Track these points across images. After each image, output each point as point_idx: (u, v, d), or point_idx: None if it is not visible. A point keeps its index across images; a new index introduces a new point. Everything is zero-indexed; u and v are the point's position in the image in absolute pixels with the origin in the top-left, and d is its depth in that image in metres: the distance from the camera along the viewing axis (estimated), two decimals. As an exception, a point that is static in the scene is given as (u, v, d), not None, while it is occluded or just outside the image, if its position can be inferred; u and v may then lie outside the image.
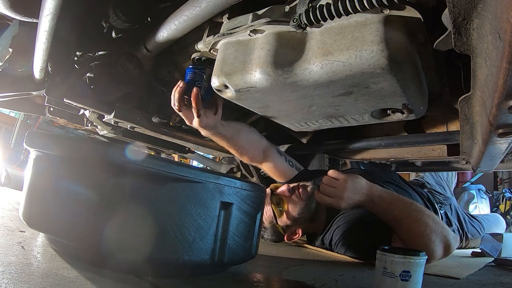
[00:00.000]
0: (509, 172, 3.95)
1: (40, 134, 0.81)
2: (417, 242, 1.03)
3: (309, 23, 0.71)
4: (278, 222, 1.34)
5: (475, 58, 0.59)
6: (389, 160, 1.64)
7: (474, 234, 1.83)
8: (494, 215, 2.29)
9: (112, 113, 1.33)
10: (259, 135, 1.48)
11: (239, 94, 0.91)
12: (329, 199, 1.11)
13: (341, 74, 0.73)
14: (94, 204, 0.67)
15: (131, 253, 0.67)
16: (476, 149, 0.99)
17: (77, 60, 1.24)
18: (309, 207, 1.32)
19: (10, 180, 2.15)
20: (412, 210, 1.09)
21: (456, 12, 0.50)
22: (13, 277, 0.57)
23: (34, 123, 3.35)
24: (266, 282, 0.87)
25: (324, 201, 1.13)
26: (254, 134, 1.46)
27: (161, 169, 0.68)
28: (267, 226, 1.36)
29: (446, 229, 1.07)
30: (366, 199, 1.11)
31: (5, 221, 1.03)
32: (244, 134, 1.40)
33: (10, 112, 4.29)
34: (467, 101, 0.74)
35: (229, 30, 0.87)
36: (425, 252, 0.77)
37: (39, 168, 0.80)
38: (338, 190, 1.10)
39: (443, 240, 1.04)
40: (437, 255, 1.03)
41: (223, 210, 0.76)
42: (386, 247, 0.76)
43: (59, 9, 0.77)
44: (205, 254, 0.73)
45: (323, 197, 1.12)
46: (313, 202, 1.33)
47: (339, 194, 1.09)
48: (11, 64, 1.20)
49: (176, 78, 1.30)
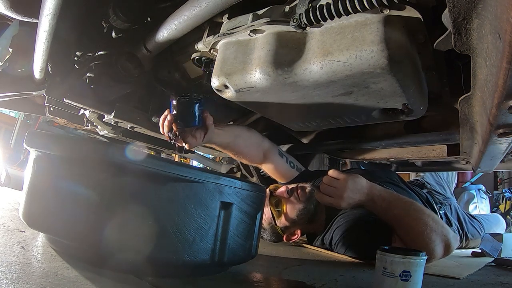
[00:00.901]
0: (509, 172, 3.95)
1: (40, 134, 0.81)
2: (417, 241, 1.03)
3: (309, 23, 0.71)
4: (276, 223, 1.35)
5: (475, 58, 0.59)
6: (389, 160, 1.64)
7: (474, 234, 1.83)
8: (494, 215, 2.29)
9: (112, 113, 1.33)
10: (259, 137, 1.47)
11: (239, 94, 0.91)
12: (329, 199, 1.11)
13: (341, 74, 0.73)
14: (94, 204, 0.67)
15: (131, 253, 0.67)
16: (476, 149, 0.99)
17: (77, 60, 1.24)
18: (307, 209, 1.32)
19: (10, 180, 2.15)
20: (412, 209, 1.09)
21: (456, 12, 0.50)
22: (13, 277, 0.57)
23: (34, 123, 3.35)
24: (266, 282, 0.87)
25: (324, 201, 1.13)
26: (254, 137, 1.46)
27: (161, 169, 0.68)
28: (266, 227, 1.37)
29: (446, 228, 1.07)
30: (366, 199, 1.11)
31: (5, 221, 1.03)
32: (241, 139, 1.40)
33: (10, 112, 4.29)
34: (467, 101, 0.74)
35: (229, 30, 0.87)
36: (425, 252, 0.77)
37: (39, 168, 0.80)
38: (338, 190, 1.10)
39: (443, 240, 1.04)
40: (437, 254, 1.03)
41: (223, 210, 0.76)
42: (386, 247, 0.76)
43: (59, 9, 0.77)
44: (205, 254, 0.73)
45: (324, 197, 1.12)
46: (312, 204, 1.33)
47: (339, 193, 1.10)
48: (11, 64, 1.20)
49: (176, 78, 1.31)
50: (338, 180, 1.11)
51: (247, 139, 1.42)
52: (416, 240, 1.03)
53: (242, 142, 1.40)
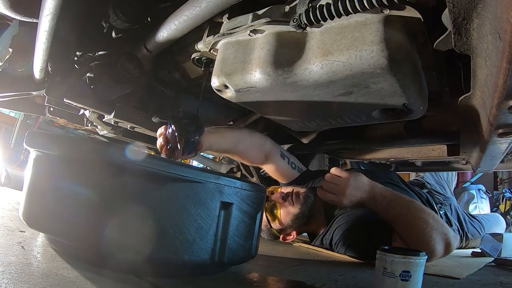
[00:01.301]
0: (509, 172, 3.95)
1: (40, 134, 0.81)
2: (418, 239, 1.03)
3: (309, 23, 0.71)
4: (272, 226, 1.37)
5: (475, 58, 0.59)
6: (389, 160, 1.64)
7: (474, 234, 1.83)
8: (494, 215, 2.29)
9: (112, 113, 1.33)
10: (261, 139, 1.47)
11: (239, 94, 0.91)
12: (331, 196, 1.12)
13: (341, 74, 0.73)
14: (94, 204, 0.67)
15: (131, 253, 0.67)
16: (476, 149, 0.99)
17: (77, 60, 1.24)
18: (302, 213, 1.32)
19: (10, 180, 2.15)
20: (413, 207, 1.09)
21: (456, 12, 0.50)
22: (13, 277, 0.57)
23: (34, 123, 3.35)
24: (266, 282, 0.87)
25: (326, 198, 1.14)
26: (255, 140, 1.45)
27: (161, 169, 0.68)
28: (263, 228, 1.38)
29: (446, 227, 1.08)
30: (367, 197, 1.12)
31: (5, 221, 1.03)
32: (242, 145, 1.39)
33: (10, 112, 4.30)
34: (467, 101, 0.74)
35: (229, 30, 0.87)
36: (425, 250, 0.77)
37: (39, 168, 0.80)
38: (340, 187, 1.11)
39: (444, 238, 1.04)
40: (437, 253, 1.04)
41: (223, 210, 0.76)
42: (386, 247, 0.76)
43: (59, 9, 0.77)
44: (205, 254, 0.73)
45: (326, 194, 1.13)
46: (307, 208, 1.33)
47: (341, 190, 1.11)
48: (11, 64, 1.20)
49: (176, 78, 1.31)
50: (340, 177, 1.12)
51: (247, 143, 1.41)
52: (417, 238, 1.03)
53: (243, 147, 1.39)
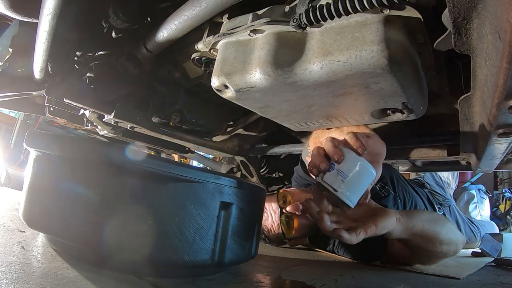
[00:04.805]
0: (509, 172, 3.95)
1: (40, 134, 0.81)
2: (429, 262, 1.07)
3: (309, 23, 0.71)
4: (286, 237, 1.30)
5: (475, 58, 0.59)
6: (389, 160, 1.63)
7: (471, 238, 1.85)
8: (491, 223, 2.33)
9: (112, 113, 1.33)
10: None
11: (239, 94, 0.91)
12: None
13: (341, 74, 0.73)
14: (94, 204, 0.67)
15: (131, 253, 0.67)
16: (476, 149, 0.99)
17: (77, 60, 1.24)
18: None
19: (10, 180, 2.15)
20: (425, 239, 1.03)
21: (456, 12, 0.50)
22: (13, 277, 0.57)
23: (34, 123, 3.35)
24: (266, 282, 0.87)
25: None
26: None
27: (161, 169, 0.68)
28: (273, 238, 1.32)
29: (455, 239, 1.07)
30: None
31: (5, 221, 1.03)
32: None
33: (10, 112, 4.29)
34: (467, 101, 0.74)
35: (229, 30, 0.87)
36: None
37: (39, 168, 0.80)
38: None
39: (453, 251, 1.07)
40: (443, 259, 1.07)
41: (223, 210, 0.76)
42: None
43: (59, 9, 0.77)
44: (205, 254, 0.73)
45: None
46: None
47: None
48: (11, 64, 1.20)
49: (176, 78, 1.30)
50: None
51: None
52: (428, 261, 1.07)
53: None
